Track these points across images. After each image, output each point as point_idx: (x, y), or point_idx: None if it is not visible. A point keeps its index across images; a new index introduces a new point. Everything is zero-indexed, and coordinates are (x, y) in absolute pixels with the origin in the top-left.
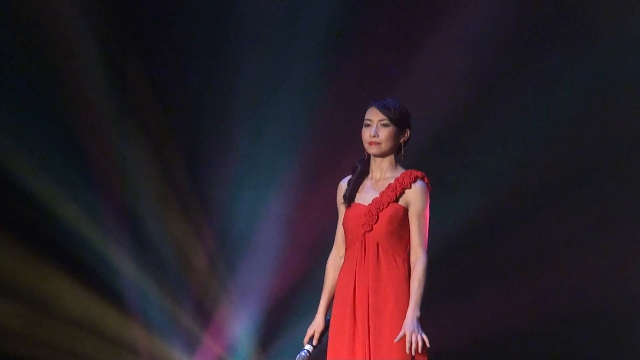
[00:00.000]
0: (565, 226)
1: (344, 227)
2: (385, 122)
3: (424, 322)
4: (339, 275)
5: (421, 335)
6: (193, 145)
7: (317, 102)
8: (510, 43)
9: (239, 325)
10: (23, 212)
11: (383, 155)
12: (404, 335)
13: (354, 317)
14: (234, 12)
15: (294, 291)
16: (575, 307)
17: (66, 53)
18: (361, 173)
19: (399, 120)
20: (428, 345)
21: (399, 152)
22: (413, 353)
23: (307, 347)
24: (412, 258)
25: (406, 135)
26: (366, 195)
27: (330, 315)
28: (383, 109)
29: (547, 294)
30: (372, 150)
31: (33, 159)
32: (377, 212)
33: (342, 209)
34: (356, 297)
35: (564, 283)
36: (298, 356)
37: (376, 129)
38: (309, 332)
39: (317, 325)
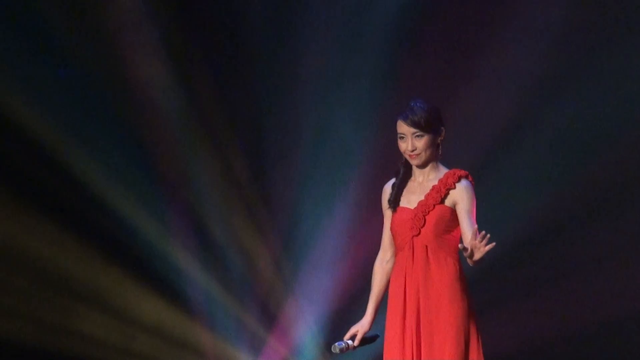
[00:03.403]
0: (626, 228)
1: (391, 232)
2: (418, 133)
3: (480, 325)
4: (390, 280)
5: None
6: (257, 147)
7: (382, 101)
8: (573, 45)
9: (304, 326)
10: (97, 220)
11: (426, 163)
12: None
13: (404, 321)
14: (299, 13)
15: (358, 292)
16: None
17: (133, 59)
18: (404, 176)
19: (431, 126)
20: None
21: (439, 151)
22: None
23: (348, 341)
24: None
25: (442, 134)
26: (411, 199)
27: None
28: (412, 120)
29: (606, 297)
30: (414, 162)
31: (106, 170)
32: (424, 216)
33: (388, 213)
34: (407, 302)
35: (625, 285)
36: (337, 344)
37: (412, 142)
38: (352, 330)
39: (361, 326)
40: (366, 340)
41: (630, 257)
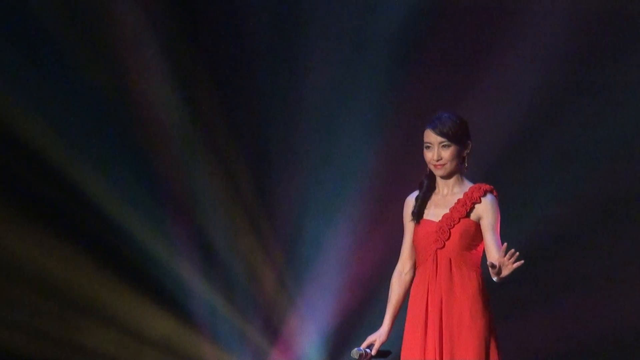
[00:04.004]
0: (635, 240)
1: (414, 245)
2: (445, 143)
3: (498, 333)
4: (411, 293)
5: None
6: (261, 161)
7: (386, 115)
8: (579, 59)
9: (307, 340)
10: (102, 236)
11: (450, 175)
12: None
13: (426, 335)
14: (303, 24)
15: (362, 306)
16: None
17: (136, 70)
18: (428, 189)
19: (458, 138)
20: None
21: (464, 164)
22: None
23: (366, 349)
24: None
25: (468, 147)
26: (435, 211)
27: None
28: (440, 130)
29: (615, 309)
30: (438, 172)
31: (112, 186)
32: (449, 229)
33: (410, 225)
34: (428, 315)
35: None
36: (357, 349)
37: (438, 152)
38: (370, 339)
39: (379, 335)
40: (380, 353)
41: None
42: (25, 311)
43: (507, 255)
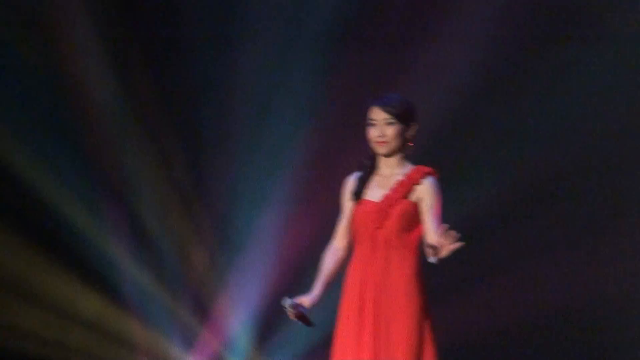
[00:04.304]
0: (570, 221)
1: (353, 225)
2: (390, 120)
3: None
4: (347, 272)
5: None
6: (194, 141)
7: (319, 98)
8: (514, 38)
9: (237, 321)
10: (31, 215)
11: (391, 153)
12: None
13: (361, 315)
14: (237, 11)
15: (292, 287)
16: (575, 303)
17: (69, 49)
18: (369, 169)
19: (403, 117)
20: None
21: (406, 147)
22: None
23: (297, 303)
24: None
25: (413, 130)
26: (375, 192)
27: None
28: (386, 107)
29: (549, 290)
30: (380, 150)
31: (41, 164)
32: (388, 209)
33: (348, 204)
34: (365, 294)
35: (567, 279)
36: (288, 300)
37: (382, 129)
38: (299, 299)
39: (309, 298)
40: (305, 318)
41: (570, 251)
42: None
43: (447, 237)
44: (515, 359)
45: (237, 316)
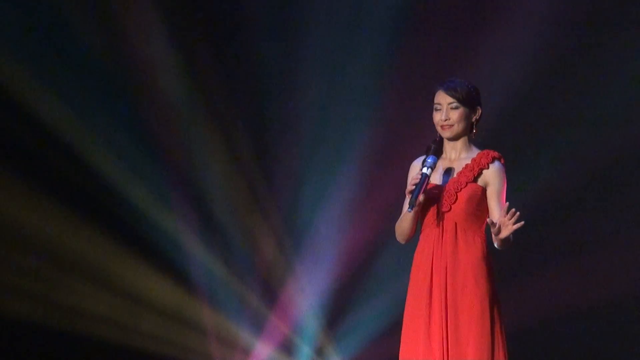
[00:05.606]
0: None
1: (420, 208)
2: (454, 104)
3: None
4: (415, 255)
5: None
6: (260, 125)
7: (385, 81)
8: (579, 22)
9: (306, 304)
10: (103, 202)
11: (457, 137)
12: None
13: (430, 298)
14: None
15: (360, 270)
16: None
17: (135, 35)
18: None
19: (468, 100)
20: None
21: (472, 131)
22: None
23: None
24: None
25: (478, 113)
26: (442, 176)
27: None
28: (451, 91)
29: (615, 275)
30: (445, 134)
31: (111, 152)
32: (456, 192)
33: None
34: (433, 278)
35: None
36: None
37: (447, 113)
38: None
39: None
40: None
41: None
42: (28, 276)
43: (508, 215)
44: (578, 344)
45: (305, 301)
